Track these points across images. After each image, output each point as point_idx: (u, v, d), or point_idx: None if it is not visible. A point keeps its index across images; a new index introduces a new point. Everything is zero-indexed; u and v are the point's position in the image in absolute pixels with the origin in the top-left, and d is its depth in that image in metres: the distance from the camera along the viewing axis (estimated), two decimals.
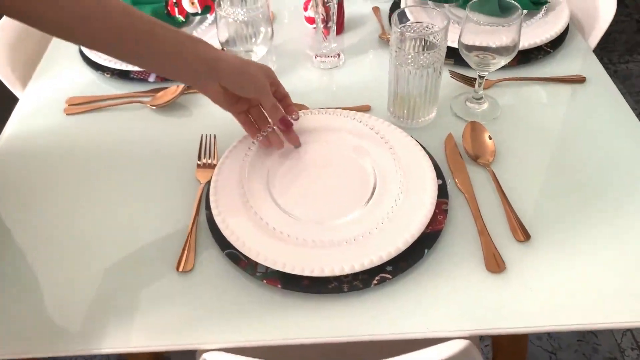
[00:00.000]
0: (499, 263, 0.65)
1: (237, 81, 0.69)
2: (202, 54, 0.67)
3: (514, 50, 0.77)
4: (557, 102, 0.86)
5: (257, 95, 0.72)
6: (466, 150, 0.77)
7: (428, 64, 0.75)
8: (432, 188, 0.70)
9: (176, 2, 0.97)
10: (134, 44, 0.64)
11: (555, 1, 0.99)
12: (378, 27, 1.03)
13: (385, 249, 0.64)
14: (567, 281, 0.63)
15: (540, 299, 0.62)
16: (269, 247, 0.65)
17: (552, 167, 0.76)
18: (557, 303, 0.62)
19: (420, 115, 0.81)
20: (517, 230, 0.68)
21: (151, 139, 0.84)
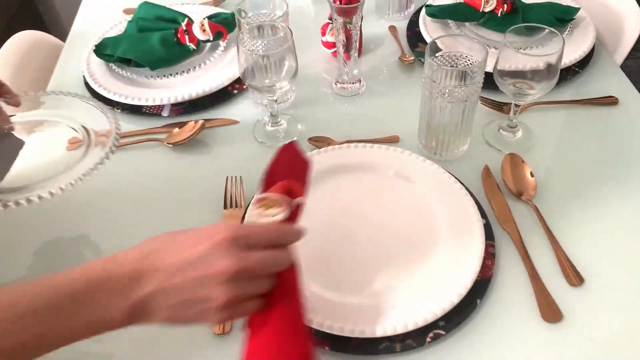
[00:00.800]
0: (554, 312, 0.62)
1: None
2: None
3: (553, 77, 0.73)
4: (591, 126, 0.83)
5: None
6: (507, 186, 0.73)
7: (464, 96, 0.71)
8: (479, 232, 0.66)
9: (186, 30, 0.92)
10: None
11: (579, 17, 0.96)
12: (396, 48, 0.99)
13: (438, 303, 0.60)
14: (630, 328, 0.60)
15: (603, 351, 0.59)
16: (314, 307, 0.60)
17: (596, 198, 0.73)
18: (622, 355, 0.59)
19: (454, 147, 0.78)
20: (570, 274, 0.65)
21: (170, 181, 0.79)
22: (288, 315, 0.49)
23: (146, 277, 0.45)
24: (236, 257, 0.46)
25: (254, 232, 0.48)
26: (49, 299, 0.44)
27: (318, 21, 1.05)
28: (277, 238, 0.49)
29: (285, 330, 0.48)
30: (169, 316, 0.46)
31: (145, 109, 0.87)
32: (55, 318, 0.44)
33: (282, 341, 0.48)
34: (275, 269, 0.49)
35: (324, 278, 0.64)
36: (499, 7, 0.94)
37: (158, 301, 0.45)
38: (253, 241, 0.48)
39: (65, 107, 0.79)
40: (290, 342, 0.48)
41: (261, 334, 0.48)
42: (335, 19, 0.82)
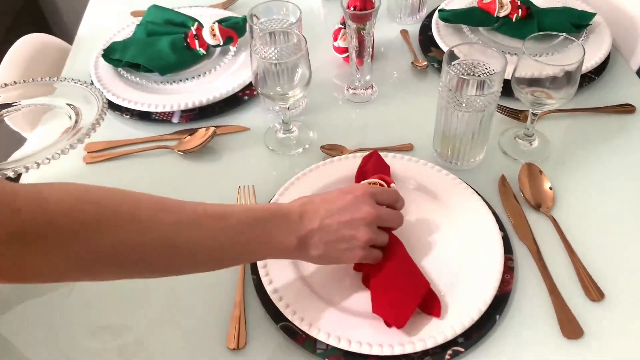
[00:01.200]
0: (575, 328, 0.60)
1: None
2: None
3: (572, 85, 0.72)
4: (608, 135, 0.82)
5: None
6: (525, 197, 0.72)
7: (482, 106, 0.70)
8: (498, 245, 0.65)
9: (196, 34, 0.91)
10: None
11: (595, 22, 0.94)
12: (409, 53, 0.98)
13: (458, 319, 0.59)
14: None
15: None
16: (330, 322, 0.59)
17: (615, 210, 0.72)
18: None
19: (470, 156, 0.77)
20: (590, 289, 0.63)
21: (180, 189, 0.78)
22: (403, 262, 0.61)
23: (310, 217, 0.57)
24: (374, 207, 0.59)
25: (383, 192, 0.62)
26: (248, 217, 0.54)
27: (328, 23, 1.03)
28: (396, 201, 0.63)
29: (404, 271, 0.60)
30: (323, 251, 0.57)
31: (155, 115, 0.86)
32: (252, 232, 0.54)
33: (404, 279, 0.60)
34: (396, 224, 0.62)
35: (339, 293, 0.62)
36: (514, 12, 0.93)
37: (318, 236, 0.57)
38: (381, 199, 0.61)
39: (70, 94, 0.81)
40: (411, 279, 0.60)
41: (384, 277, 0.60)
42: (348, 25, 0.80)
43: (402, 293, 0.58)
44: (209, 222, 0.53)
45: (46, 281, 0.60)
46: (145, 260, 0.50)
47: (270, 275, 0.64)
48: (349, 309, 0.61)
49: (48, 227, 0.44)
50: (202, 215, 0.53)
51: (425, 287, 0.59)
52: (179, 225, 0.51)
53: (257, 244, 0.55)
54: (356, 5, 0.78)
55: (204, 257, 0.53)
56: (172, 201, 0.53)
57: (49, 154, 0.69)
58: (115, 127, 0.86)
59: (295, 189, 0.72)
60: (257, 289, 0.64)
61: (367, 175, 0.71)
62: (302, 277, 0.64)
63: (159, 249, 0.50)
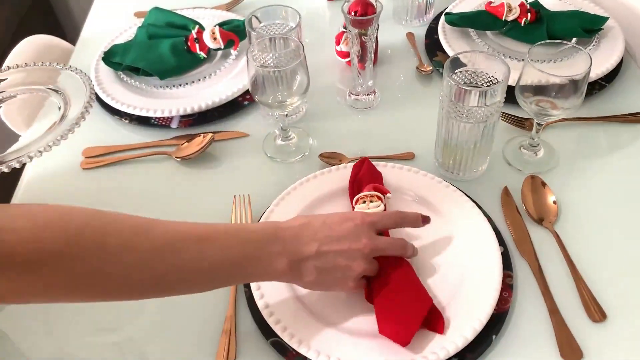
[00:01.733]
0: (574, 349, 0.58)
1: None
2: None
3: (579, 96, 0.69)
4: (618, 145, 0.79)
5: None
6: (527, 211, 0.70)
7: (484, 117, 0.68)
8: (497, 262, 0.63)
9: (197, 38, 0.89)
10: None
11: (607, 26, 0.91)
12: (413, 57, 0.95)
13: (451, 339, 0.57)
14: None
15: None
16: (320, 339, 0.58)
17: (623, 226, 0.69)
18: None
19: (472, 166, 0.74)
20: (592, 309, 0.61)
21: (177, 197, 0.77)
22: (406, 277, 0.60)
23: (307, 241, 0.55)
24: (372, 238, 0.57)
25: (383, 219, 0.60)
26: (238, 237, 0.53)
27: (333, 26, 1.02)
28: (398, 223, 0.62)
29: (407, 287, 0.59)
30: (316, 278, 0.56)
31: (154, 120, 0.85)
32: (241, 252, 0.53)
33: (407, 296, 0.58)
34: (396, 253, 0.60)
35: (332, 311, 0.61)
36: (523, 16, 0.90)
37: (312, 264, 0.55)
38: (383, 225, 0.60)
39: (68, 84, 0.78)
40: (414, 296, 0.59)
41: (388, 294, 0.58)
42: (349, 30, 0.78)
43: (406, 310, 0.57)
44: (191, 245, 0.50)
45: (12, 302, 0.58)
46: (127, 284, 0.48)
47: (262, 289, 0.62)
48: (341, 327, 0.60)
49: (9, 257, 0.42)
50: (184, 238, 0.51)
51: (428, 304, 0.58)
52: (154, 251, 0.49)
53: (245, 265, 0.53)
54: (357, 10, 0.76)
55: (190, 280, 0.52)
56: (153, 223, 0.51)
57: (37, 148, 0.66)
58: (114, 131, 0.86)
59: (291, 199, 0.71)
60: (249, 303, 0.63)
61: (362, 184, 0.69)
62: (294, 293, 0.62)
63: (138, 274, 0.48)
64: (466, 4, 0.99)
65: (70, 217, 0.46)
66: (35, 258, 0.43)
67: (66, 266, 0.44)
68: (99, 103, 0.89)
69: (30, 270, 0.43)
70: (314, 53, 0.97)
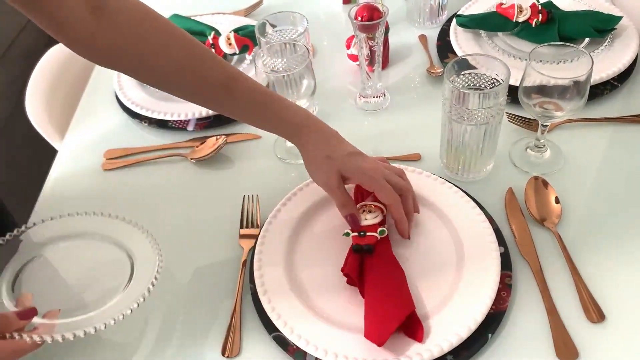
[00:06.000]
0: (570, 349, 0.59)
1: (305, 163, 0.69)
2: (285, 122, 0.68)
3: (582, 96, 0.69)
4: (628, 147, 0.78)
5: (323, 188, 0.69)
6: (530, 212, 0.71)
7: (486, 119, 0.69)
8: (494, 263, 0.64)
9: (213, 44, 0.93)
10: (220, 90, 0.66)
11: (621, 26, 0.90)
12: (425, 59, 0.96)
13: (445, 337, 0.58)
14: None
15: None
16: (319, 334, 0.60)
17: (626, 230, 0.69)
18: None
19: (477, 168, 0.75)
20: (590, 310, 0.62)
21: (191, 197, 0.80)
22: (393, 278, 0.62)
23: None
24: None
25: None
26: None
27: (348, 29, 1.03)
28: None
29: (392, 289, 0.61)
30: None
31: (171, 123, 0.89)
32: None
33: (390, 298, 0.60)
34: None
35: (332, 306, 0.63)
36: (534, 17, 0.90)
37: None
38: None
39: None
40: (397, 298, 0.60)
41: (373, 295, 0.61)
42: (356, 35, 0.80)
43: (386, 312, 0.59)
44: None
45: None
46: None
47: (265, 285, 0.65)
48: (341, 322, 0.62)
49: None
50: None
51: (409, 309, 0.59)
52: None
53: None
54: (364, 15, 0.78)
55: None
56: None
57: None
58: (134, 134, 0.90)
59: (297, 199, 0.74)
60: (253, 298, 0.66)
61: (364, 192, 0.71)
62: (297, 289, 0.65)
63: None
64: (479, 5, 0.99)
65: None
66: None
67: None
68: (120, 107, 0.93)
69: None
70: (329, 56, 0.99)
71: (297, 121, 0.67)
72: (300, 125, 0.67)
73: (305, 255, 0.69)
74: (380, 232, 0.66)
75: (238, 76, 0.66)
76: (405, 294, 0.61)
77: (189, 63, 0.64)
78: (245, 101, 0.66)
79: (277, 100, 0.68)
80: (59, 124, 1.00)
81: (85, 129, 0.93)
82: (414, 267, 0.65)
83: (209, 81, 0.65)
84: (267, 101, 0.67)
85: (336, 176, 0.66)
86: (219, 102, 0.68)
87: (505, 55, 0.90)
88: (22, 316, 0.57)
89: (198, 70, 0.64)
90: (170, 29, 0.63)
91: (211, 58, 0.65)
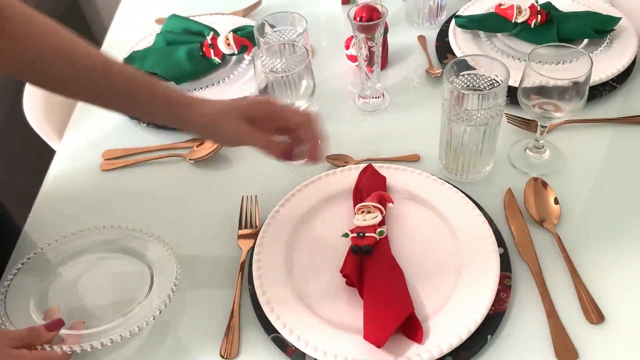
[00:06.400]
0: (569, 350, 0.59)
1: (208, 133, 0.66)
2: (174, 100, 0.63)
3: (581, 97, 0.69)
4: (627, 148, 0.78)
5: (240, 144, 0.65)
6: (529, 213, 0.70)
7: (485, 120, 0.68)
8: (494, 264, 0.64)
9: (211, 44, 0.93)
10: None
11: (620, 27, 0.90)
12: (424, 59, 0.96)
13: (445, 338, 0.58)
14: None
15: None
16: (318, 335, 0.60)
17: (625, 231, 0.69)
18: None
19: (476, 168, 0.75)
20: (590, 311, 0.61)
21: (190, 197, 0.80)
22: (392, 280, 0.62)
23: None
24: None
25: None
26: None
27: (348, 29, 1.03)
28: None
29: (391, 290, 0.61)
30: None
31: None
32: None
33: (389, 299, 0.60)
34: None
35: (331, 308, 0.63)
36: (533, 18, 0.90)
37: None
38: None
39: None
40: (396, 299, 0.60)
41: (372, 296, 0.60)
42: (355, 35, 0.80)
43: (385, 313, 0.59)
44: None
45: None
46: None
47: (264, 286, 0.65)
48: (340, 324, 0.61)
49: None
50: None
51: (408, 310, 0.59)
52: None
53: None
54: (363, 15, 0.78)
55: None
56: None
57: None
58: (132, 134, 0.90)
59: (296, 200, 0.73)
60: (252, 299, 0.66)
61: (363, 193, 0.71)
62: (296, 290, 0.65)
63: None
64: (478, 6, 0.99)
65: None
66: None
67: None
68: None
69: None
70: (328, 57, 0.99)
71: (183, 97, 0.64)
72: (189, 97, 0.64)
73: (304, 256, 0.69)
74: (379, 233, 0.65)
75: (114, 61, 0.63)
76: (405, 295, 0.61)
77: (63, 47, 0.60)
78: (126, 79, 0.62)
79: (159, 82, 0.65)
80: (57, 124, 1.00)
81: (84, 129, 0.92)
82: (413, 268, 0.65)
83: (86, 65, 0.60)
84: (151, 82, 0.63)
85: (245, 123, 0.62)
86: (100, 89, 0.62)
87: (504, 56, 0.90)
88: (50, 328, 0.58)
89: (74, 55, 0.60)
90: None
91: (84, 45, 0.61)
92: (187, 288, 0.69)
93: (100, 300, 0.66)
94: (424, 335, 0.58)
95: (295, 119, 0.63)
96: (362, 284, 0.62)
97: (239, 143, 0.65)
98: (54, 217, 0.79)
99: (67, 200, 0.82)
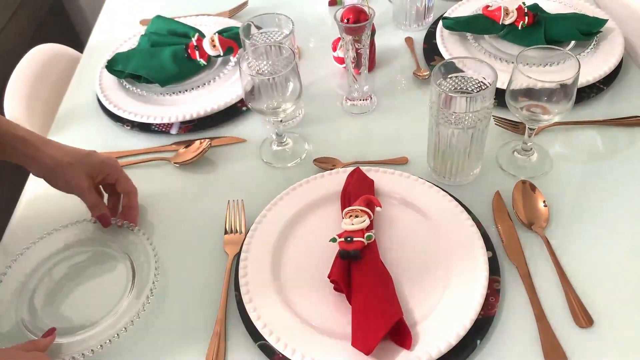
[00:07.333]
0: (559, 355, 0.58)
1: (49, 174, 0.71)
2: (20, 149, 0.69)
3: (569, 99, 0.69)
4: (615, 149, 0.78)
5: (72, 193, 0.72)
6: (518, 216, 0.70)
7: (472, 122, 0.68)
8: (483, 268, 0.63)
9: (197, 45, 0.91)
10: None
11: (607, 29, 0.90)
12: (412, 62, 0.96)
13: (434, 344, 0.58)
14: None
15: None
16: (306, 343, 0.59)
17: (614, 233, 0.69)
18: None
19: (464, 171, 0.75)
20: (579, 315, 0.61)
21: (175, 201, 0.79)
22: (380, 285, 0.61)
23: None
24: None
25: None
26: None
27: (335, 31, 1.02)
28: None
29: (379, 296, 0.60)
30: None
31: (155, 126, 0.87)
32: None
33: (377, 305, 0.59)
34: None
35: (319, 315, 0.62)
36: (520, 20, 0.90)
37: None
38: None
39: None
40: (384, 305, 0.59)
41: (360, 302, 0.60)
42: (343, 37, 0.79)
43: (373, 319, 0.58)
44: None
45: None
46: None
47: (250, 293, 0.64)
48: (327, 330, 0.61)
49: None
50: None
51: (396, 316, 0.58)
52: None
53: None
54: (350, 17, 0.77)
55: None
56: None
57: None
58: (116, 137, 0.88)
59: (283, 204, 0.72)
60: (239, 306, 0.65)
61: (351, 197, 0.70)
62: (283, 296, 0.64)
63: None
64: (465, 8, 0.99)
65: None
66: None
67: None
68: (102, 110, 0.91)
69: None
70: (315, 59, 0.98)
71: (30, 136, 0.70)
72: (32, 139, 0.70)
73: (291, 262, 0.68)
74: (367, 238, 0.65)
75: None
76: (393, 300, 0.60)
77: None
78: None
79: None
80: (39, 126, 0.98)
81: (67, 132, 0.91)
82: (402, 273, 0.64)
83: None
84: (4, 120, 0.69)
85: (86, 178, 0.70)
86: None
87: (492, 58, 0.90)
88: (44, 336, 0.62)
89: None
90: None
91: None
92: (172, 294, 0.68)
93: (85, 300, 0.67)
94: (412, 341, 0.58)
95: (126, 187, 0.74)
96: (350, 289, 0.61)
97: (72, 192, 0.72)
98: (36, 222, 0.78)
99: (50, 205, 0.80)
